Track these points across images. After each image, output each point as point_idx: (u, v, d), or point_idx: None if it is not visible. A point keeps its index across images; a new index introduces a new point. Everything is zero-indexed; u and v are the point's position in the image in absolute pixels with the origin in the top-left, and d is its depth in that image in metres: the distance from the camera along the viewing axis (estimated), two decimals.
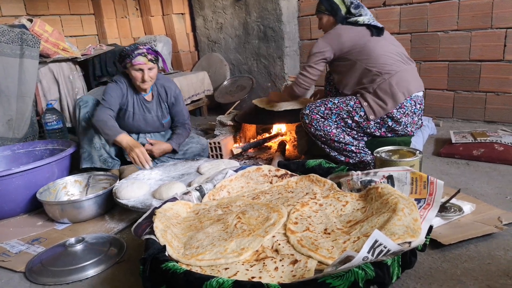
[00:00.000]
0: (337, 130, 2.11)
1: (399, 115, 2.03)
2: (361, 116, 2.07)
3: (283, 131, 2.96)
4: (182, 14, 4.75)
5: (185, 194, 1.69)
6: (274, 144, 2.87)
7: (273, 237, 1.33)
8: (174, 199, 1.63)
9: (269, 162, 2.54)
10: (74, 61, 3.64)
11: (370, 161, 2.11)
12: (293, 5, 3.90)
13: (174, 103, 2.52)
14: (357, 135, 2.15)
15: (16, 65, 3.05)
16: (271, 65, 4.08)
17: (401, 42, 2.50)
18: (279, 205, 1.52)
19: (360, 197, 1.53)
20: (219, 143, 2.59)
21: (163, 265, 1.14)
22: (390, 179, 1.52)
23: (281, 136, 2.93)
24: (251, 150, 2.83)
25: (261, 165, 1.94)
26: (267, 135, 2.98)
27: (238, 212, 1.51)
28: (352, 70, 2.14)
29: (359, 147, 2.13)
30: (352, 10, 2.20)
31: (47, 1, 4.09)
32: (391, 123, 2.06)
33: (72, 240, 1.62)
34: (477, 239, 1.45)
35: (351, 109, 2.07)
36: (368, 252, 0.98)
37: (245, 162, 2.61)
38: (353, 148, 2.12)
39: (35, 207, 2.10)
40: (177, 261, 1.23)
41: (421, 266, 1.34)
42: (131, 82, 2.38)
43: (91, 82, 3.87)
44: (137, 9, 4.83)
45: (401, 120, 2.04)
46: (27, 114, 3.14)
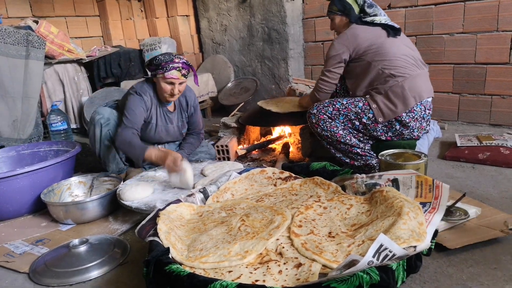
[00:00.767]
0: (344, 131, 2.09)
1: (408, 119, 2.01)
2: (369, 118, 2.05)
3: (287, 133, 2.96)
4: (186, 16, 4.76)
5: (189, 196, 1.69)
6: (278, 146, 2.87)
7: (277, 240, 1.32)
8: (178, 201, 1.63)
9: (273, 164, 2.54)
10: (79, 62, 3.66)
11: (375, 165, 2.10)
12: (297, 7, 3.90)
13: (193, 113, 2.46)
14: (363, 138, 2.14)
15: (21, 66, 3.07)
16: (275, 67, 4.08)
17: None
18: (283, 207, 1.52)
19: (364, 200, 1.52)
20: (227, 146, 2.58)
21: (167, 267, 1.13)
22: (395, 182, 1.51)
23: (285, 138, 2.93)
24: (255, 152, 2.83)
25: (265, 167, 1.93)
26: (271, 137, 2.98)
27: (242, 214, 1.50)
28: (366, 71, 2.10)
29: (365, 149, 2.11)
30: (366, 9, 2.16)
31: (53, 3, 4.12)
32: (398, 127, 2.04)
33: (76, 241, 1.62)
34: (483, 243, 1.44)
35: (360, 111, 2.05)
36: (373, 256, 0.98)
37: (249, 164, 2.61)
38: (358, 150, 2.10)
39: (40, 208, 2.10)
40: (180, 264, 1.23)
41: (426, 270, 1.33)
42: (154, 90, 2.28)
43: (96, 83, 3.89)
44: (142, 11, 4.85)
45: (409, 124, 2.02)
46: (32, 115, 3.16)
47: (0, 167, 2.47)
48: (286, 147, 2.68)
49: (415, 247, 1.13)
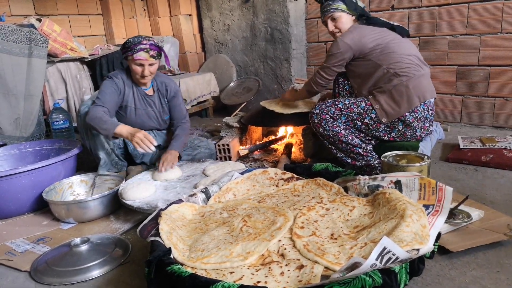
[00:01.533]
0: (346, 131, 2.08)
1: (411, 119, 2.00)
2: (371, 118, 2.04)
3: (289, 133, 2.95)
4: (189, 15, 4.76)
5: (191, 196, 1.69)
6: (280, 146, 2.86)
7: (279, 241, 1.32)
8: (180, 201, 1.63)
9: (275, 164, 2.53)
10: (81, 61, 3.66)
11: (376, 165, 2.09)
12: (300, 7, 3.90)
13: (174, 97, 2.45)
14: (365, 138, 2.13)
15: (24, 64, 3.07)
16: (277, 67, 4.07)
17: None
18: (285, 208, 1.51)
19: (367, 202, 1.51)
20: (228, 145, 2.58)
21: (169, 268, 1.13)
22: (398, 184, 1.50)
23: (287, 138, 2.92)
24: (257, 152, 2.82)
25: (267, 168, 1.93)
26: (273, 138, 2.98)
27: (244, 215, 1.50)
28: (371, 70, 2.08)
29: (366, 150, 2.11)
30: (367, 13, 2.19)
31: (56, 1, 4.12)
32: (401, 127, 2.03)
33: (77, 240, 1.62)
34: (486, 246, 1.43)
35: (362, 111, 2.04)
36: (376, 259, 0.97)
37: (251, 164, 2.60)
38: (360, 150, 2.10)
39: (41, 206, 2.10)
40: (182, 264, 1.22)
41: (429, 273, 1.32)
42: (131, 75, 2.34)
43: (98, 82, 3.88)
44: (144, 9, 4.85)
45: (412, 124, 2.01)
46: (34, 113, 3.16)
47: (2, 165, 2.47)
48: (288, 147, 2.68)
49: (418, 250, 1.13)
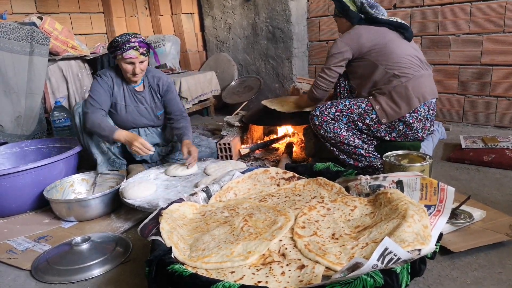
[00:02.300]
0: (347, 132, 2.08)
1: (411, 120, 2.00)
2: (372, 119, 2.03)
3: (290, 132, 2.94)
4: (191, 13, 4.75)
5: (192, 195, 1.69)
6: (281, 145, 2.86)
7: (280, 241, 1.31)
8: (180, 200, 1.62)
9: (276, 163, 2.53)
10: (83, 59, 3.65)
11: (379, 166, 2.09)
12: (302, 6, 3.89)
13: (167, 91, 2.41)
14: (366, 139, 2.13)
15: (25, 62, 3.07)
16: (279, 66, 4.07)
17: None
18: (286, 208, 1.51)
19: (368, 202, 1.51)
20: (229, 144, 2.57)
21: (169, 267, 1.13)
22: (399, 184, 1.50)
23: (288, 137, 2.92)
24: (258, 151, 2.81)
25: (268, 167, 1.92)
26: (274, 137, 2.97)
27: (245, 214, 1.50)
28: (370, 71, 2.08)
29: (368, 151, 2.10)
30: (368, 9, 2.13)
31: None
32: (402, 128, 2.03)
33: (78, 239, 1.62)
34: (488, 247, 1.42)
35: (363, 112, 2.04)
36: (377, 260, 0.97)
37: (252, 163, 2.60)
38: (362, 151, 2.09)
39: (42, 205, 2.10)
40: (183, 263, 1.22)
41: (430, 273, 1.32)
42: (120, 73, 2.31)
43: None
44: (146, 8, 4.84)
45: (413, 124, 2.01)
46: (35, 111, 3.16)
47: (3, 163, 2.47)
48: (289, 147, 2.67)
49: (419, 250, 1.12)
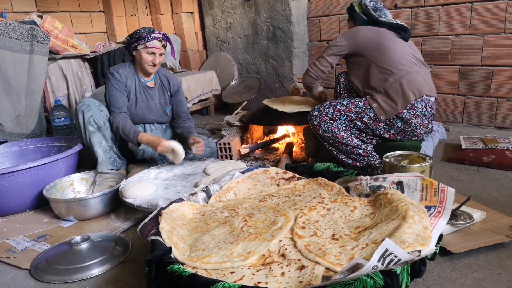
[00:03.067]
0: (346, 132, 2.09)
1: (409, 116, 2.01)
2: (370, 117, 2.05)
3: (290, 132, 2.94)
4: (191, 13, 4.74)
5: (192, 195, 1.68)
6: (281, 145, 2.86)
7: (280, 241, 1.31)
8: (180, 199, 1.62)
9: (276, 163, 2.53)
10: (83, 58, 3.65)
11: (378, 165, 2.09)
12: (302, 6, 3.88)
13: (177, 91, 2.51)
14: (366, 138, 2.13)
15: (25, 61, 3.06)
16: (279, 66, 4.06)
17: None
18: (286, 208, 1.50)
19: (368, 202, 1.51)
20: (229, 143, 2.57)
21: (169, 267, 1.13)
22: (399, 185, 1.50)
23: (289, 137, 2.91)
24: (258, 151, 2.81)
25: (268, 167, 1.92)
26: (275, 137, 2.97)
27: (244, 214, 1.49)
28: (366, 68, 2.13)
29: (367, 150, 2.11)
30: (371, 12, 2.20)
31: None
32: (400, 124, 2.04)
33: (77, 238, 1.62)
34: (488, 248, 1.42)
35: (360, 110, 2.06)
36: (378, 261, 0.97)
37: (251, 163, 2.60)
38: (360, 151, 2.10)
39: (42, 204, 2.10)
40: (182, 263, 1.22)
41: (430, 274, 1.31)
42: (134, 68, 2.36)
43: (99, 79, 3.88)
44: (146, 7, 4.83)
45: (410, 121, 2.02)
46: (35, 110, 3.15)
47: (2, 162, 2.47)
48: (289, 146, 2.67)
49: (420, 251, 1.12)
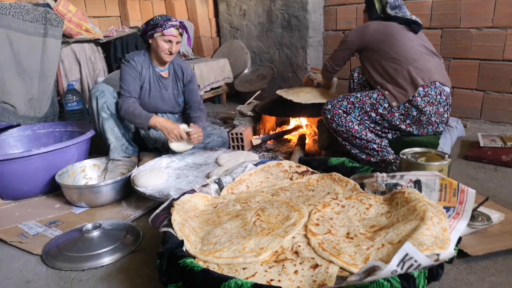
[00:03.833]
0: (360, 126, 2.06)
1: (423, 104, 1.97)
2: (385, 108, 2.02)
3: (303, 124, 2.90)
4: None
5: (204, 186, 1.66)
6: (293, 137, 2.82)
7: (293, 238, 1.29)
8: (192, 191, 1.60)
9: (288, 155, 2.50)
10: (96, 42, 3.62)
11: (392, 161, 2.05)
12: None
13: (190, 81, 2.48)
14: (381, 131, 2.09)
15: (39, 44, 3.05)
16: (293, 55, 4.00)
17: (431, 37, 2.41)
18: (299, 204, 1.48)
19: (384, 200, 1.47)
20: (241, 134, 2.54)
21: (181, 261, 1.11)
22: (417, 183, 1.46)
23: (301, 129, 2.87)
24: (270, 142, 2.78)
25: (282, 160, 1.89)
26: (287, 128, 2.93)
27: (257, 208, 1.47)
28: (376, 60, 2.13)
29: (381, 145, 2.07)
30: (388, 10, 2.18)
31: None
32: (415, 113, 2.00)
33: (89, 226, 1.62)
34: (506, 251, 1.38)
35: (375, 102, 2.04)
36: (397, 265, 0.94)
37: (263, 154, 2.57)
38: (375, 146, 2.06)
39: (54, 189, 2.10)
40: (194, 257, 1.20)
41: (446, 277, 1.28)
42: (149, 57, 2.33)
43: (112, 64, 3.86)
44: None
45: (425, 109, 1.98)
46: (48, 93, 3.15)
47: (16, 145, 2.48)
48: (302, 138, 2.63)
49: (438, 254, 1.09)
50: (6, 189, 2.01)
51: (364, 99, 2.05)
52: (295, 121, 2.95)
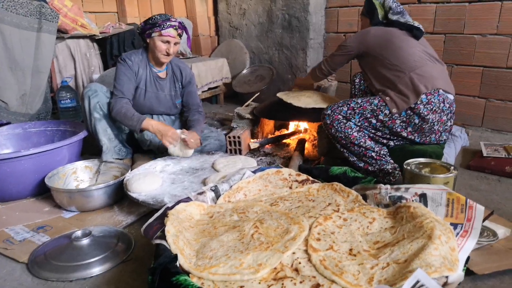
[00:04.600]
0: (359, 133, 2.00)
1: (426, 112, 1.92)
2: (386, 114, 1.97)
3: (302, 128, 2.84)
4: None
5: (200, 194, 1.60)
6: (292, 141, 2.75)
7: (293, 253, 1.22)
8: (188, 199, 1.54)
9: (286, 160, 2.43)
10: (92, 38, 3.54)
11: (390, 171, 1.98)
12: None
13: (189, 82, 2.42)
14: (382, 137, 2.04)
15: (33, 39, 2.96)
16: (293, 57, 3.93)
17: (433, 42, 2.36)
18: (300, 216, 1.41)
19: (388, 214, 1.41)
20: (239, 137, 2.47)
21: (174, 278, 1.05)
22: (423, 197, 1.40)
23: (301, 134, 2.81)
24: (268, 146, 2.72)
25: (281, 167, 1.83)
26: (286, 132, 2.87)
27: (255, 220, 1.41)
28: (377, 66, 2.09)
29: (380, 154, 2.01)
30: (390, 16, 2.14)
31: None
32: (418, 121, 1.95)
33: (78, 233, 1.54)
34: None
35: (375, 108, 1.98)
36: None
37: (261, 158, 2.50)
38: (373, 154, 2.00)
39: (44, 191, 2.02)
40: (188, 273, 1.14)
41: None
42: (146, 56, 2.26)
43: (108, 61, 3.77)
44: None
45: (428, 117, 1.93)
46: (41, 89, 3.06)
47: (5, 144, 2.39)
48: (301, 143, 2.57)
49: (447, 277, 1.03)
50: None
51: (364, 105, 2.00)
52: (294, 125, 2.89)
